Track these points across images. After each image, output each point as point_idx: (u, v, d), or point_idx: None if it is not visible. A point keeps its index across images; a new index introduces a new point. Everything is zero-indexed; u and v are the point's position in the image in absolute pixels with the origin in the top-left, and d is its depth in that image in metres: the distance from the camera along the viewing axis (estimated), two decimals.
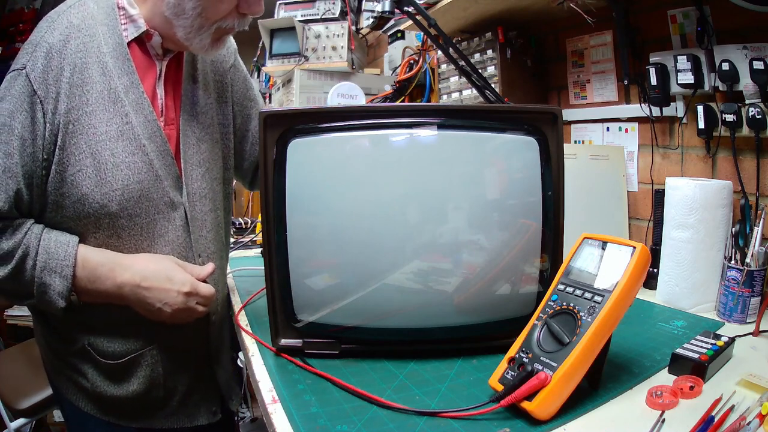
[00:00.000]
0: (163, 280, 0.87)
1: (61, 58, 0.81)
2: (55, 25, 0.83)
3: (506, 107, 0.98)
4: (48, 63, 0.80)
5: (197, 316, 0.93)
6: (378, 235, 0.79)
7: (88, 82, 0.82)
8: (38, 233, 0.83)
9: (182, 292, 0.88)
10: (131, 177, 0.85)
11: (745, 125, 1.00)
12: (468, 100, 1.54)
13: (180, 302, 0.88)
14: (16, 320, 2.83)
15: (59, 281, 0.82)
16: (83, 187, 0.83)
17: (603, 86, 1.37)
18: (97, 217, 0.85)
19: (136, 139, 0.86)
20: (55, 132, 0.81)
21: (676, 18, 1.14)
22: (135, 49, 0.89)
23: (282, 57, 2.02)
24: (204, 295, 0.91)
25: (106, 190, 0.84)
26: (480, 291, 0.80)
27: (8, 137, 0.79)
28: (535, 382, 0.62)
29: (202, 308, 0.92)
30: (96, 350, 0.92)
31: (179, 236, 0.94)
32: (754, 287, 0.92)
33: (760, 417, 0.60)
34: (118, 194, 0.84)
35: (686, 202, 0.99)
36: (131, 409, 0.97)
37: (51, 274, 0.82)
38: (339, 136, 0.78)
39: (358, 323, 0.81)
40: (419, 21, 1.09)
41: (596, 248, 0.71)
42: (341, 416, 0.65)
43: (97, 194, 0.83)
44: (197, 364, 1.04)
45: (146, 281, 0.86)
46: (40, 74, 0.79)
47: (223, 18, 0.86)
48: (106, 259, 0.86)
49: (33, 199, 0.83)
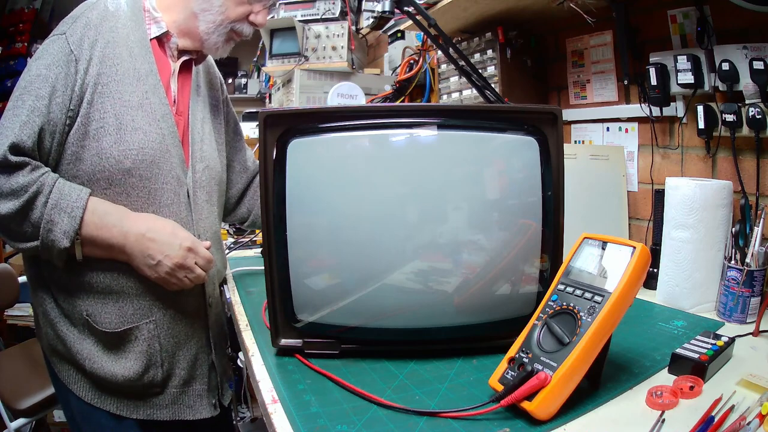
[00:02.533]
0: (168, 234, 0.93)
1: (96, 32, 0.92)
2: (94, 6, 0.95)
3: (506, 107, 0.98)
4: (85, 32, 0.91)
5: (195, 280, 0.97)
6: (378, 235, 0.79)
7: (117, 57, 0.93)
8: (55, 177, 0.89)
9: (184, 246, 0.94)
10: (146, 143, 0.94)
11: (745, 125, 1.00)
12: (468, 100, 1.54)
13: (180, 256, 0.93)
14: (16, 320, 2.83)
15: (67, 220, 0.87)
16: (104, 142, 0.90)
17: (603, 86, 1.37)
18: (111, 172, 0.91)
19: (153, 114, 0.96)
20: (85, 89, 0.90)
21: (676, 18, 1.14)
22: (155, 46, 1.01)
23: (282, 57, 2.02)
24: (203, 256, 0.96)
25: (123, 148, 0.91)
26: (480, 291, 0.80)
27: (42, 84, 0.87)
28: (535, 382, 0.62)
29: (199, 271, 0.96)
30: (94, 320, 0.95)
31: (182, 211, 1.01)
32: (754, 287, 0.92)
33: (760, 417, 0.60)
34: (133, 153, 0.92)
35: (686, 202, 0.99)
36: (131, 393, 0.98)
37: (60, 212, 0.86)
38: (339, 136, 0.78)
39: (358, 323, 0.81)
40: (419, 21, 1.09)
41: (596, 248, 0.71)
42: (341, 416, 0.65)
43: (114, 150, 0.91)
44: (197, 349, 1.05)
45: (152, 232, 0.92)
46: (78, 39, 0.90)
47: (238, 20, 1.03)
48: (116, 210, 0.92)
49: (53, 147, 0.90)
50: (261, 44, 2.17)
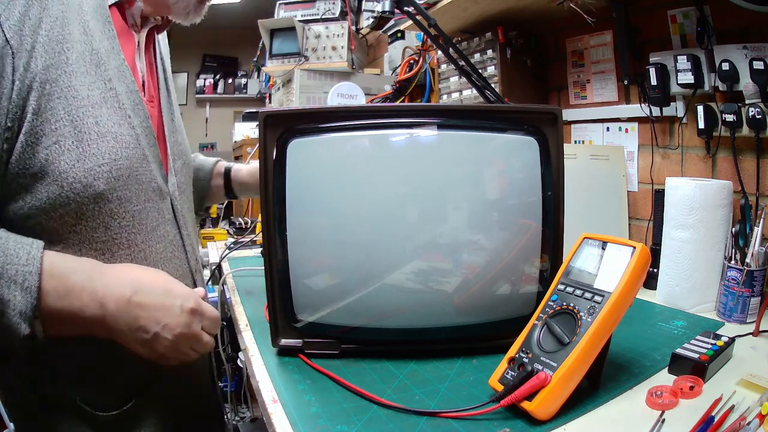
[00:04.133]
0: (161, 293, 0.69)
1: (41, 8, 0.67)
2: None
3: (506, 107, 0.98)
4: (26, 11, 0.66)
5: (201, 350, 0.74)
6: (378, 235, 0.79)
7: (68, 40, 0.69)
8: None
9: (186, 308, 0.70)
10: (119, 151, 0.71)
11: (745, 125, 1.00)
12: (468, 100, 1.54)
13: (183, 323, 0.70)
14: None
15: (21, 295, 0.61)
16: (61, 163, 0.66)
17: (603, 86, 1.37)
18: (78, 202, 0.68)
19: (121, 109, 0.73)
20: (26, 92, 0.64)
21: (676, 18, 1.14)
22: (115, 14, 0.79)
23: (282, 57, 2.02)
24: (210, 316, 0.74)
25: (90, 165, 0.68)
26: (480, 291, 0.80)
27: None
28: (535, 382, 0.62)
29: (207, 338, 0.74)
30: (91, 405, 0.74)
31: (169, 232, 0.82)
32: (754, 287, 0.92)
33: (760, 417, 0.60)
34: (105, 170, 0.69)
35: (686, 202, 0.99)
36: None
37: (10, 284, 0.60)
38: (339, 136, 0.78)
39: (358, 323, 0.81)
40: (419, 21, 1.09)
41: (596, 248, 0.71)
42: (341, 416, 0.65)
43: (79, 171, 0.67)
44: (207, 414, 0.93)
45: (139, 294, 0.67)
46: (16, 23, 0.64)
47: None
48: (82, 266, 0.67)
49: None
50: (261, 44, 2.17)
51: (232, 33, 5.07)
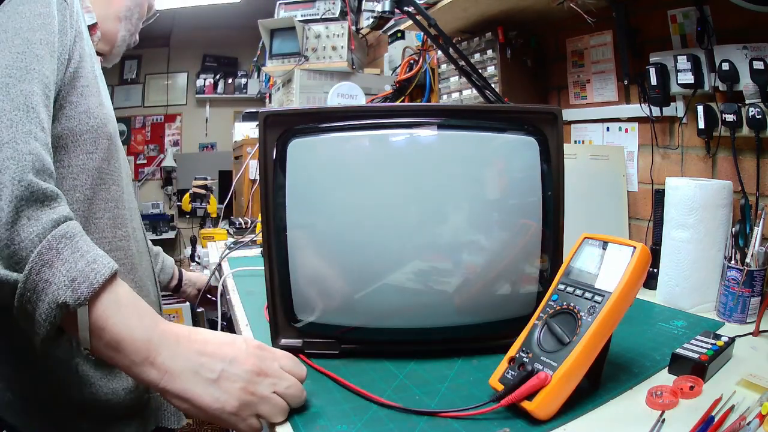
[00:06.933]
0: (220, 335, 0.64)
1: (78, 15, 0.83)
2: None
3: (506, 107, 0.98)
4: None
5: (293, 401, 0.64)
6: (378, 235, 0.79)
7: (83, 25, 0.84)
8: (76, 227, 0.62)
9: (252, 343, 0.63)
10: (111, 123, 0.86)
11: (745, 125, 1.00)
12: (468, 100, 1.54)
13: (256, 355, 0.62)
14: None
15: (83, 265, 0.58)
16: (90, 102, 0.80)
17: (603, 86, 1.37)
18: (97, 134, 0.81)
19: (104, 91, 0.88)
20: (72, 43, 0.78)
21: (676, 18, 1.14)
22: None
23: (282, 57, 2.03)
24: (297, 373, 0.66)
25: (105, 112, 0.84)
26: (480, 291, 0.80)
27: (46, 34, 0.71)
28: (535, 382, 0.62)
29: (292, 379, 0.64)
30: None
31: (133, 200, 0.95)
32: (754, 287, 0.92)
33: (760, 417, 0.60)
34: (111, 119, 0.86)
35: (686, 202, 0.99)
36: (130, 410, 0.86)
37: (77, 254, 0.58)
38: (339, 136, 0.78)
39: (359, 323, 0.81)
40: (419, 21, 1.09)
41: (596, 248, 0.71)
42: (341, 416, 0.65)
43: (99, 112, 0.82)
44: None
45: (198, 333, 0.62)
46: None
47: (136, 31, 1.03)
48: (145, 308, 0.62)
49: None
50: (261, 44, 2.17)
51: (232, 33, 5.07)
